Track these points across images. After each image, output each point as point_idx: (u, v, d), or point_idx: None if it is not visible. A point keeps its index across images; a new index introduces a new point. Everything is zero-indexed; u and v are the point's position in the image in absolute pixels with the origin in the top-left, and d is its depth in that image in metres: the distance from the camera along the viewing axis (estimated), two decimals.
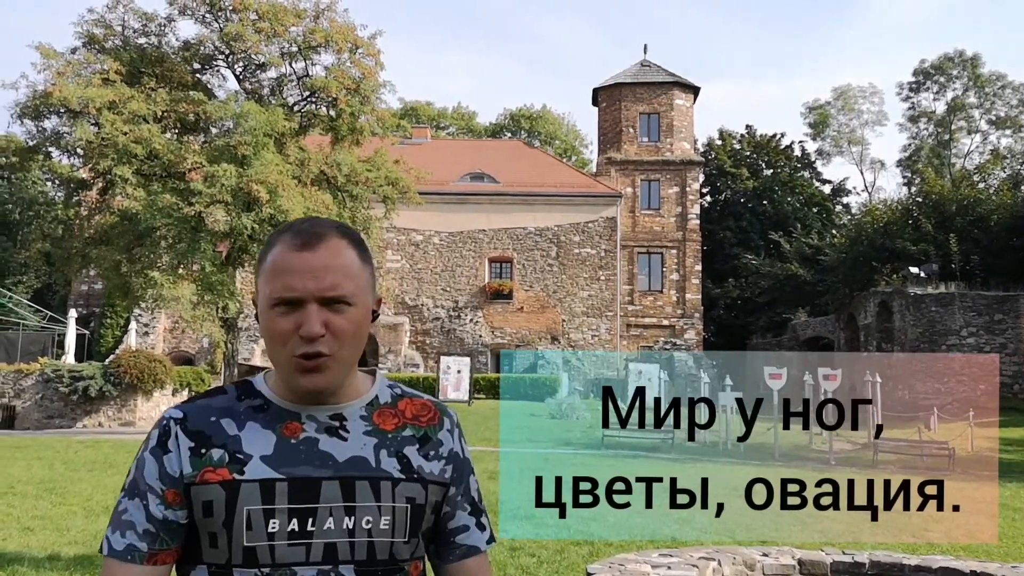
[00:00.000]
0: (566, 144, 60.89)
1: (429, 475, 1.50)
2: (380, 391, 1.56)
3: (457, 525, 1.57)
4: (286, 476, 1.40)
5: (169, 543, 1.42)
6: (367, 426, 1.49)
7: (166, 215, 19.30)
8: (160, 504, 1.41)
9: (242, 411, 1.47)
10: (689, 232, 40.53)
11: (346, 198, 21.83)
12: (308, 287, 1.39)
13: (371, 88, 21.59)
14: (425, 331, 37.77)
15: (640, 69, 43.17)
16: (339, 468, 1.43)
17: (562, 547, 7.36)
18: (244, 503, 1.38)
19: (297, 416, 1.46)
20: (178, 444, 1.43)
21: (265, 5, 21.15)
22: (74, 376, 26.03)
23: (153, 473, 1.42)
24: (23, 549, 7.21)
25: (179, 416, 1.46)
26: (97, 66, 20.94)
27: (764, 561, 4.53)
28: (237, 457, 1.41)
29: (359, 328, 1.46)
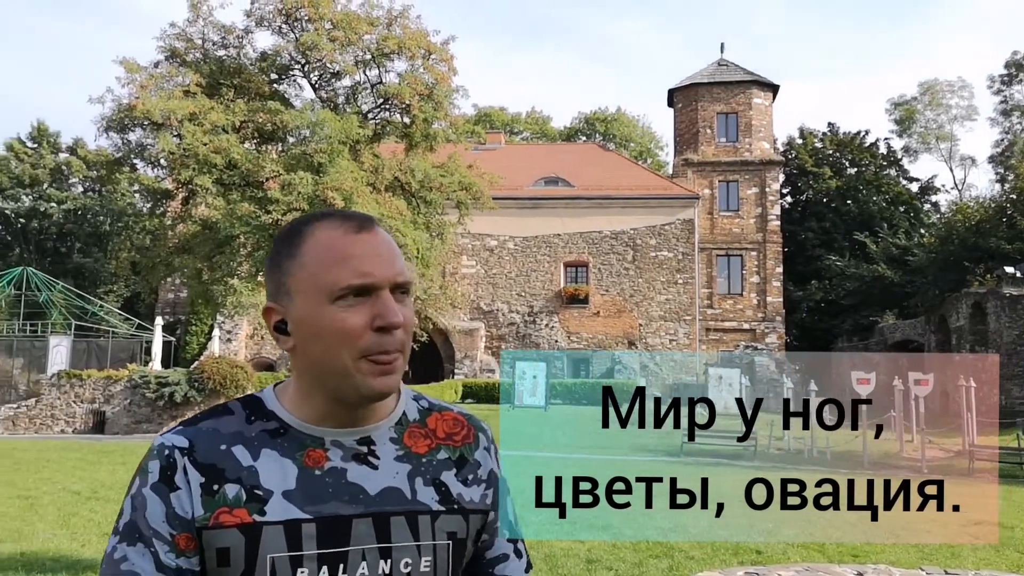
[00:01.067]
0: (641, 146, 60.26)
1: (470, 503, 1.31)
2: (407, 406, 1.34)
3: (496, 555, 1.37)
4: (313, 516, 1.19)
5: None
6: (398, 450, 1.28)
7: (245, 223, 19.59)
8: (171, 552, 1.17)
9: (255, 436, 1.23)
10: (769, 233, 39.61)
11: (420, 204, 21.85)
12: (381, 270, 1.20)
13: (444, 93, 21.57)
14: (501, 336, 37.68)
15: (717, 68, 42.41)
16: (371, 503, 1.23)
17: (640, 560, 7.08)
18: (267, 550, 1.17)
19: (320, 442, 1.24)
20: (187, 479, 1.19)
21: (339, 14, 21.34)
22: (160, 382, 26.74)
23: (158, 515, 1.18)
24: (99, 554, 7.26)
25: (184, 445, 1.21)
26: (178, 79, 21.41)
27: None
28: (256, 494, 1.19)
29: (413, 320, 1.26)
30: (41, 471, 13.76)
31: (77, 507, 10.10)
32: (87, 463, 15.07)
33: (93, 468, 14.26)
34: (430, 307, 24.49)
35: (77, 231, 52.71)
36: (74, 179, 53.83)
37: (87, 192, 54.55)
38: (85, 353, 34.86)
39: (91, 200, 53.27)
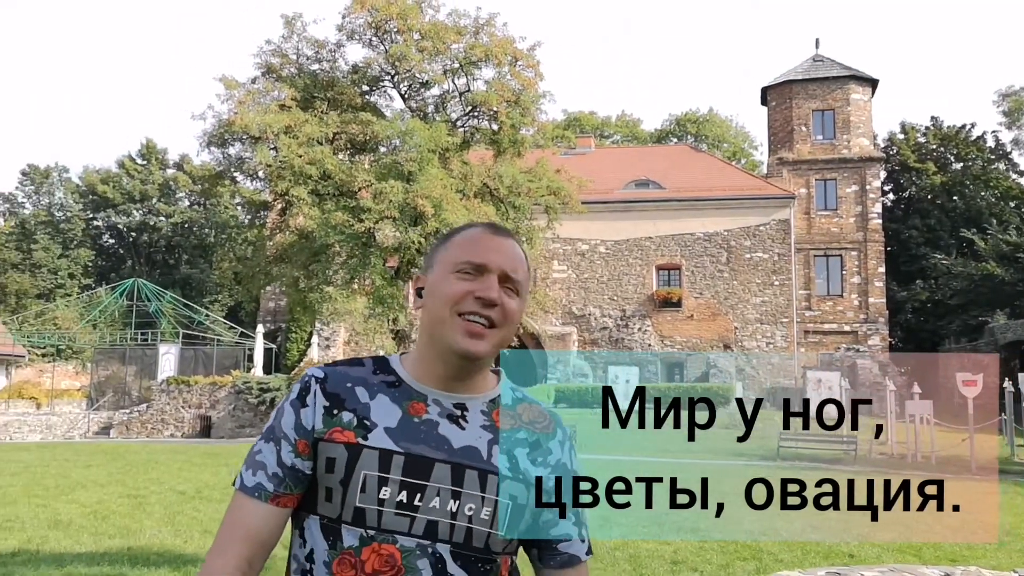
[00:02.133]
0: (735, 147, 59.25)
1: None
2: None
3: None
4: (404, 451, 1.47)
5: (292, 488, 1.51)
6: (485, 420, 1.55)
7: (339, 232, 20.09)
8: (291, 452, 1.50)
9: (376, 383, 1.55)
10: (870, 232, 38.40)
11: (509, 209, 22.02)
12: (497, 260, 1.54)
13: (531, 99, 21.71)
14: (593, 340, 37.54)
15: (812, 64, 41.38)
16: (453, 454, 1.49)
17: (727, 562, 6.98)
18: (363, 467, 1.46)
19: (424, 398, 1.54)
20: (315, 400, 1.52)
21: (427, 25, 21.70)
22: (262, 387, 27.60)
23: (290, 423, 1.52)
24: (201, 550, 7.58)
25: (320, 376, 1.55)
26: (274, 93, 22.13)
27: None
28: (364, 423, 1.50)
29: (517, 318, 1.57)
30: (150, 472, 14.38)
31: (182, 506, 10.53)
32: (192, 465, 15.67)
33: (198, 470, 14.82)
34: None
35: (184, 243, 54.89)
36: (181, 193, 56.09)
37: (193, 205, 56.77)
38: (192, 360, 36.20)
39: (196, 213, 55.41)
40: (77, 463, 16.21)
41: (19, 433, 29.63)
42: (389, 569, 1.43)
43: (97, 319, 42.13)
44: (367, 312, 20.41)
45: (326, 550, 1.46)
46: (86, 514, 9.83)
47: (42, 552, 7.54)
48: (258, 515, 1.49)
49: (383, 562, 1.43)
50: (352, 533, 1.45)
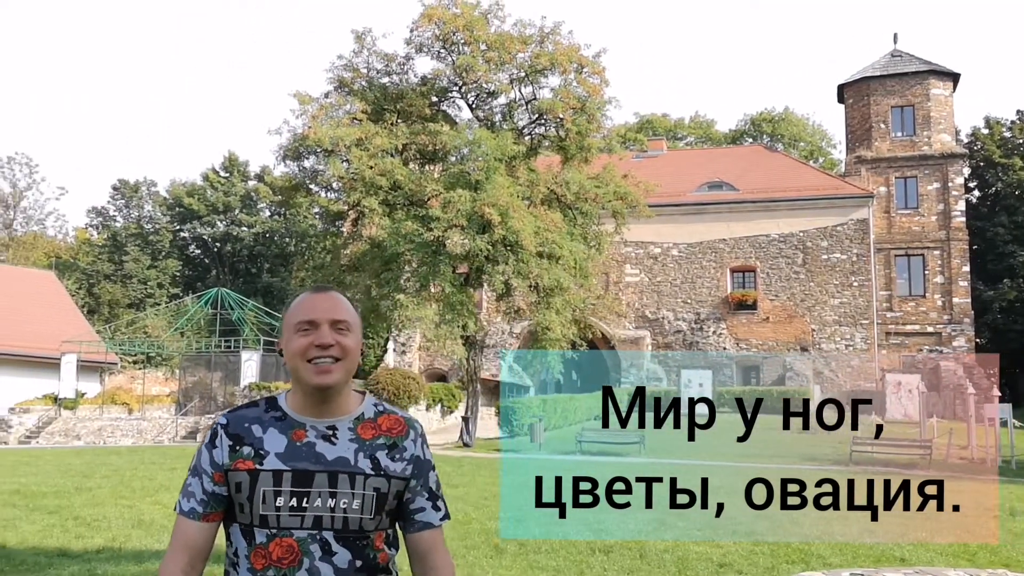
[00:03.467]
0: (812, 146, 58.15)
1: (393, 472, 2.01)
2: (366, 408, 2.08)
3: (416, 507, 2.08)
4: (291, 468, 1.95)
5: (215, 508, 1.99)
6: (352, 435, 2.02)
7: (409, 241, 20.58)
8: (211, 482, 1.99)
9: (267, 419, 2.03)
10: (954, 231, 37.31)
11: (576, 215, 22.20)
12: (322, 313, 2.01)
13: (597, 106, 21.87)
14: (667, 344, 37.36)
15: (890, 60, 40.42)
16: (328, 464, 1.96)
17: (774, 564, 7.04)
18: (262, 485, 1.93)
19: (303, 425, 2.01)
20: (222, 442, 2.01)
21: (493, 35, 22.06)
22: None
23: (206, 461, 2.01)
24: None
25: (224, 423, 2.05)
26: (346, 107, 22.77)
27: None
28: (259, 453, 1.97)
29: (356, 349, 2.03)
30: None
31: None
32: None
33: None
34: (592, 315, 24.74)
35: (265, 252, 56.45)
36: (262, 204, 57.69)
37: (273, 216, 58.33)
38: (274, 367, 37.16)
39: (277, 223, 56.92)
40: (163, 466, 16.95)
41: (112, 437, 30.95)
42: (290, 555, 1.91)
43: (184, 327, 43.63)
44: (437, 319, 20.83)
45: (245, 547, 1.95)
46: (167, 515, 10.35)
47: (124, 550, 8.04)
48: (193, 530, 1.99)
49: (285, 550, 1.91)
50: (261, 532, 1.92)
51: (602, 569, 7.20)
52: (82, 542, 8.47)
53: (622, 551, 7.96)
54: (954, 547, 7.98)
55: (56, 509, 10.89)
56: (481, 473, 15.54)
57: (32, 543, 8.50)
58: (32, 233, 58.96)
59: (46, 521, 9.95)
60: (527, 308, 23.92)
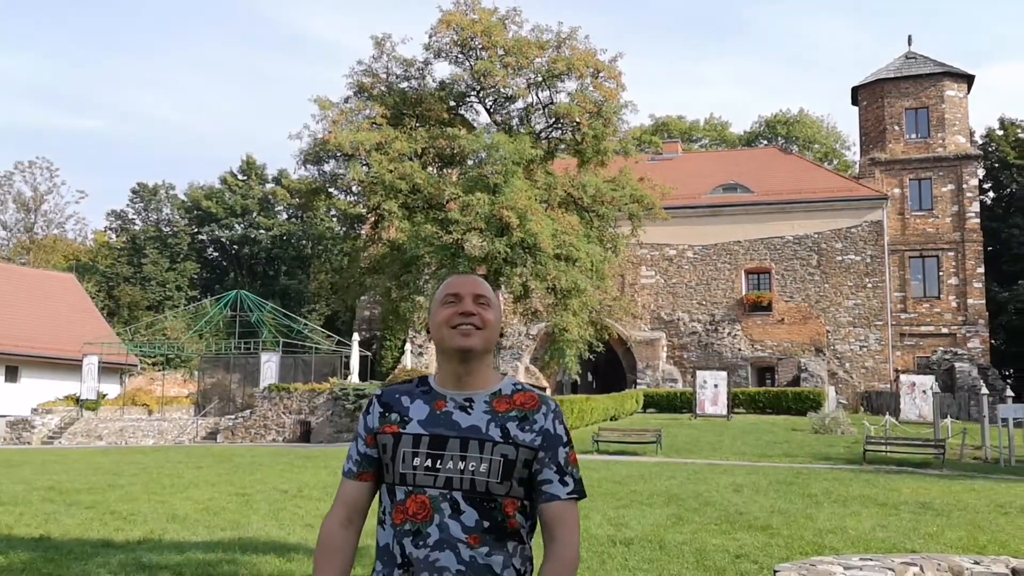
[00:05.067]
0: (826, 147, 58.20)
1: (521, 441, 2.17)
2: (504, 386, 2.28)
3: (543, 478, 2.19)
4: (429, 432, 2.17)
5: (368, 468, 2.23)
6: (486, 408, 2.22)
7: (428, 244, 20.92)
8: (364, 444, 2.25)
9: (416, 393, 2.28)
10: (968, 232, 37.37)
11: (592, 218, 22.48)
12: (465, 288, 2.26)
13: (613, 110, 22.14)
14: (682, 346, 37.57)
15: (904, 62, 40.52)
16: (461, 431, 2.17)
17: (788, 555, 7.29)
18: (402, 447, 2.16)
19: (444, 397, 2.24)
20: (374, 410, 2.28)
21: (511, 40, 22.38)
22: (358, 394, 28.53)
23: (361, 426, 2.28)
24: (303, 541, 8.31)
25: (378, 394, 2.33)
26: (366, 112, 23.13)
27: (974, 568, 4.39)
28: (404, 419, 2.21)
29: (495, 322, 2.28)
30: (255, 473, 15.34)
31: (285, 503, 11.35)
32: (293, 467, 16.60)
33: (299, 471, 15.72)
34: (608, 317, 25.02)
35: (283, 255, 56.95)
36: (279, 207, 58.18)
37: (291, 219, 58.81)
38: (292, 368, 37.53)
39: (294, 226, 57.41)
40: (189, 465, 17.35)
41: (133, 438, 31.45)
42: (423, 510, 2.11)
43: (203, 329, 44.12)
44: None
45: (389, 503, 2.17)
46: (199, 510, 10.73)
47: (164, 541, 8.39)
48: (349, 488, 2.25)
49: (419, 506, 2.11)
50: (400, 490, 2.14)
51: (623, 560, 7.48)
52: (122, 534, 8.83)
53: (641, 543, 8.23)
54: (964, 541, 8.23)
55: (92, 504, 11.28)
56: None
57: (75, 535, 8.87)
58: (52, 236, 59.67)
59: (84, 515, 10.33)
60: (544, 310, 24.21)
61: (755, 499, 11.55)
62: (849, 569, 4.24)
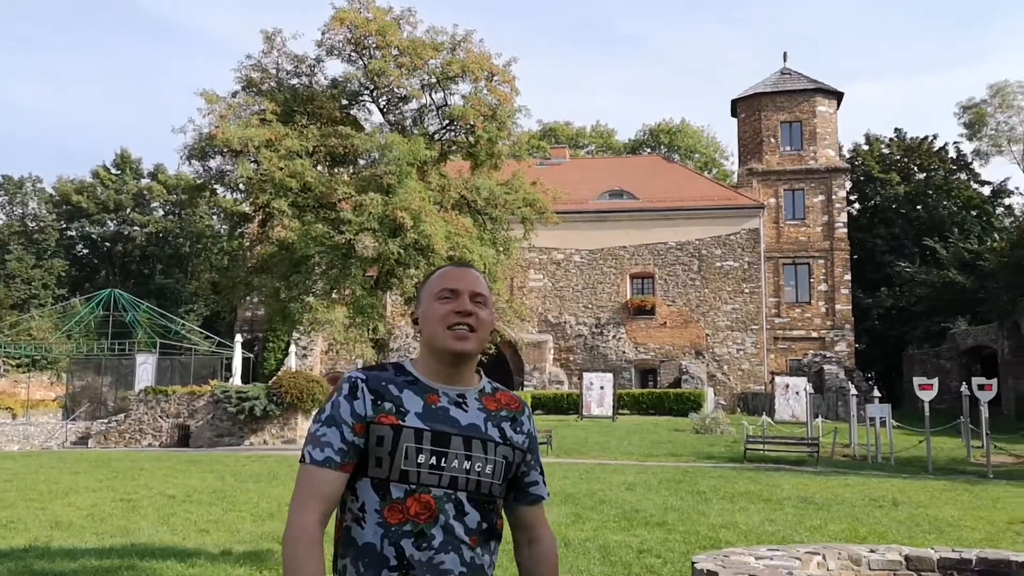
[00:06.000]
0: (706, 157, 60.22)
1: (516, 443, 2.15)
2: (485, 384, 2.23)
3: (530, 480, 2.22)
4: (430, 428, 2.05)
5: (353, 459, 2.04)
6: (479, 405, 2.15)
7: (319, 243, 20.53)
8: (350, 432, 2.04)
9: (400, 382, 2.12)
10: (837, 241, 39.39)
11: (486, 221, 22.56)
12: (464, 284, 2.15)
13: (507, 114, 22.25)
14: (568, 348, 38.20)
15: (780, 77, 42.39)
16: (462, 429, 2.08)
17: (688, 550, 7.58)
18: (404, 441, 2.02)
19: (436, 391, 2.12)
20: (364, 395, 2.07)
21: (405, 41, 22.21)
22: (241, 397, 27.83)
23: (347, 412, 2.05)
24: (200, 546, 8.08)
25: (363, 377, 2.11)
26: (255, 107, 22.53)
27: (870, 557, 4.67)
28: (401, 411, 2.06)
29: (490, 323, 2.17)
30: (137, 478, 14.78)
31: (174, 508, 10.99)
32: (177, 472, 16.08)
33: (184, 476, 15.24)
34: (498, 320, 25.15)
35: (159, 253, 54.85)
36: (155, 203, 56.03)
37: (167, 215, 56.73)
38: (169, 370, 36.33)
39: (171, 223, 55.39)
40: (64, 470, 16.55)
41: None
42: (426, 511, 2.00)
43: (73, 330, 42.14)
44: (347, 322, 20.86)
45: (377, 501, 2.02)
46: (84, 516, 10.27)
47: (52, 548, 8.01)
48: (329, 480, 2.02)
49: (422, 507, 2.00)
50: (398, 488, 2.01)
51: None
52: (4, 542, 8.39)
53: None
54: (846, 533, 8.72)
55: None
56: None
57: None
58: None
59: None
60: None
61: (648, 497, 11.89)
62: (761, 559, 4.46)
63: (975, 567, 4.49)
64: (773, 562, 4.35)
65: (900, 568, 4.61)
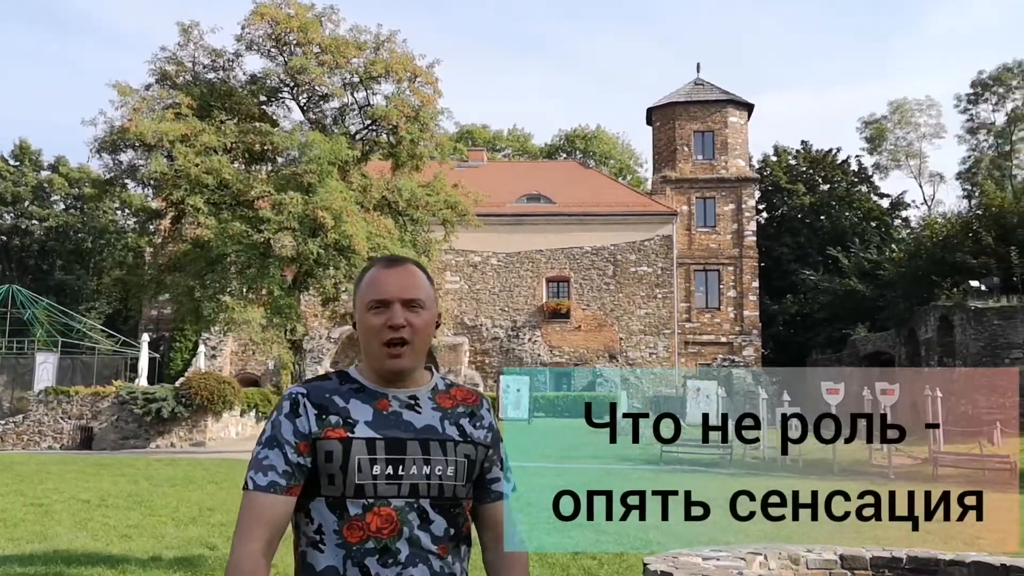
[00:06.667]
0: (621, 163, 61.19)
1: (478, 439, 2.04)
2: (438, 382, 2.11)
3: (492, 476, 2.10)
4: (383, 436, 1.93)
5: (299, 480, 1.93)
6: (433, 404, 2.03)
7: (236, 242, 20.17)
8: (295, 452, 1.92)
9: (345, 391, 2.00)
10: (746, 249, 40.52)
11: (407, 222, 22.52)
12: (394, 291, 1.99)
13: (430, 115, 22.29)
14: (484, 351, 38.31)
15: (693, 87, 43.40)
16: (418, 432, 1.97)
17: (622, 551, 7.73)
18: (356, 454, 1.90)
19: (385, 396, 2.01)
20: (306, 411, 1.95)
21: (328, 39, 22.02)
22: (147, 398, 26.95)
23: (288, 431, 1.94)
24: (127, 552, 7.84)
25: (304, 392, 1.99)
26: (169, 101, 21.98)
27: (808, 556, 4.87)
28: (348, 422, 1.94)
29: (428, 327, 2.03)
30: (45, 483, 14.22)
31: (90, 513, 10.61)
32: (87, 475, 15.53)
33: (95, 479, 14.73)
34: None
35: (59, 248, 52.75)
36: (56, 196, 53.90)
37: (69, 210, 54.59)
38: (70, 370, 34.96)
39: (73, 218, 53.33)
40: None
41: None
42: (389, 525, 1.89)
43: None
44: (264, 322, 20.54)
45: (334, 521, 1.90)
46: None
47: None
48: (274, 506, 1.89)
49: (383, 520, 1.88)
50: (355, 504, 1.89)
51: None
52: None
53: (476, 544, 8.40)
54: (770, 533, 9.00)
55: None
56: None
57: None
58: None
59: None
60: None
61: None
62: (708, 560, 4.61)
63: (905, 565, 4.72)
64: (721, 563, 4.50)
65: (835, 567, 4.82)
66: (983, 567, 4.50)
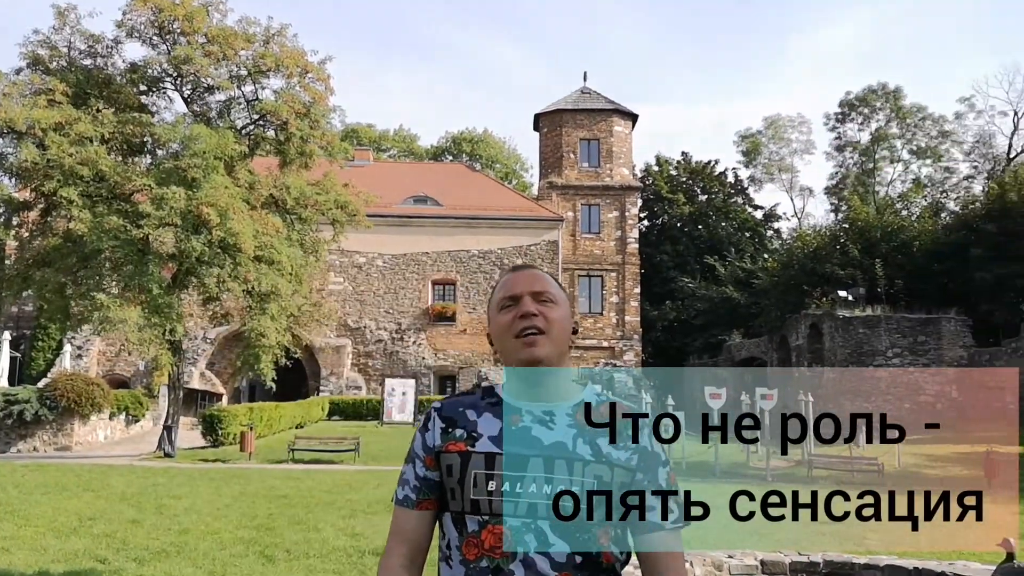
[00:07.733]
0: (507, 168, 61.56)
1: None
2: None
3: (647, 504, 1.87)
4: (504, 451, 1.87)
5: (429, 495, 1.94)
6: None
7: (112, 237, 19.19)
8: (423, 466, 1.95)
9: (483, 405, 1.98)
10: (628, 256, 41.36)
11: (295, 221, 21.97)
12: (523, 286, 2.00)
13: (321, 113, 21.81)
14: (368, 353, 37.78)
15: (580, 96, 44.05)
16: (544, 449, 1.86)
17: None
18: (473, 468, 1.87)
19: (519, 410, 1.93)
20: (434, 425, 1.98)
21: (215, 29, 21.25)
22: (8, 400, 25.35)
23: (419, 445, 1.98)
24: (8, 567, 7.29)
25: (438, 407, 2.03)
26: (42, 87, 20.76)
27: (730, 562, 4.96)
28: (472, 435, 1.92)
29: (563, 321, 1.99)
30: None
31: None
32: None
33: None
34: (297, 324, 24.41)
35: None
36: None
37: None
38: None
39: None
40: None
41: None
42: (501, 544, 1.81)
43: None
44: (142, 322, 19.59)
45: (457, 536, 1.87)
46: None
47: None
48: (409, 520, 1.93)
49: (496, 539, 1.81)
50: (473, 520, 1.84)
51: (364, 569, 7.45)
52: None
53: None
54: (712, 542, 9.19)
55: None
56: (199, 484, 14.93)
57: None
58: None
59: None
60: (236, 313, 23.21)
61: None
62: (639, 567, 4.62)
63: (823, 569, 4.86)
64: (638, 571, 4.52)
65: (756, 572, 4.92)
66: (896, 570, 4.67)
